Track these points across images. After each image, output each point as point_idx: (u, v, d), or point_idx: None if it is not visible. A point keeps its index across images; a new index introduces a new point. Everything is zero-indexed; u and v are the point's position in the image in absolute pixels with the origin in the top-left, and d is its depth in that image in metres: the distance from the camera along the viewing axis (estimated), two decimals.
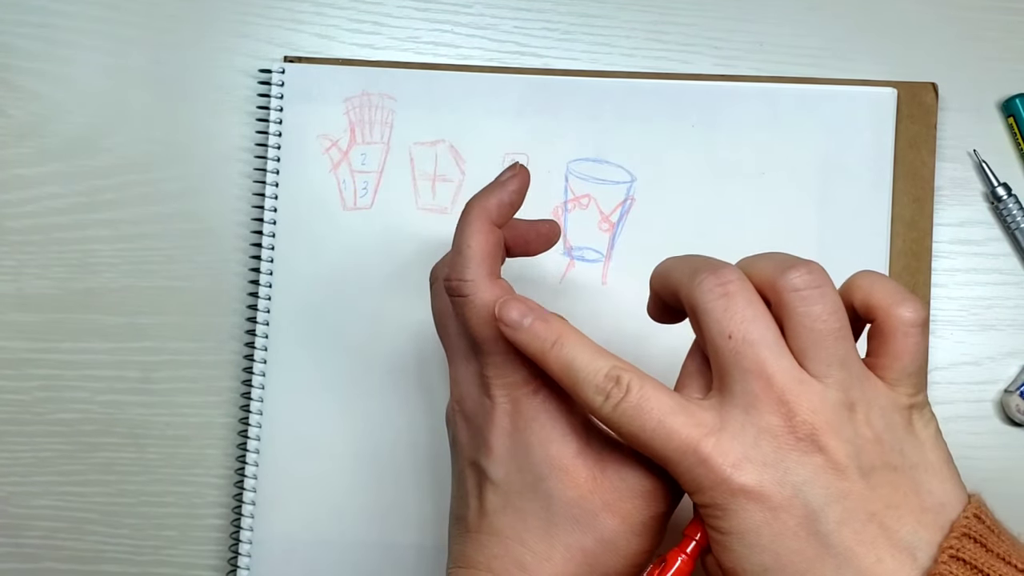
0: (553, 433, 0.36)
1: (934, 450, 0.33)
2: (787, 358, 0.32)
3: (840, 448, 0.31)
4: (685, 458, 0.32)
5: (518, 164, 0.38)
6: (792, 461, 0.31)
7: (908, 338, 0.33)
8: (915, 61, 0.52)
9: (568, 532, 0.35)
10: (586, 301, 0.51)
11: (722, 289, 0.32)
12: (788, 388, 0.31)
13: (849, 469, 0.31)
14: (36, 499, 0.52)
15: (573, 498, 0.35)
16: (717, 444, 0.31)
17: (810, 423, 0.31)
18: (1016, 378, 0.51)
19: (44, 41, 0.53)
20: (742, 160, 0.50)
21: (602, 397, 0.33)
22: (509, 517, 0.36)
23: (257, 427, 0.51)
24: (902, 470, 0.32)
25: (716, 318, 0.32)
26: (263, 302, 0.51)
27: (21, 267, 0.52)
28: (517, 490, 0.36)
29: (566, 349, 0.34)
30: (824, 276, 0.32)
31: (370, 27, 0.53)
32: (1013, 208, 0.51)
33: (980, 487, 0.51)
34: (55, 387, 0.52)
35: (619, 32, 0.52)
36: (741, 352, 0.32)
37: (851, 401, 0.32)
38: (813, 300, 0.32)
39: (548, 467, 0.35)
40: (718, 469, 0.31)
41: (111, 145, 0.52)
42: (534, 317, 0.34)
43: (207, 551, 0.52)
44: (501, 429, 0.36)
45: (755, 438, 0.31)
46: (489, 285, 0.36)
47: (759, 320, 0.32)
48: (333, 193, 0.51)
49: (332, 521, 0.51)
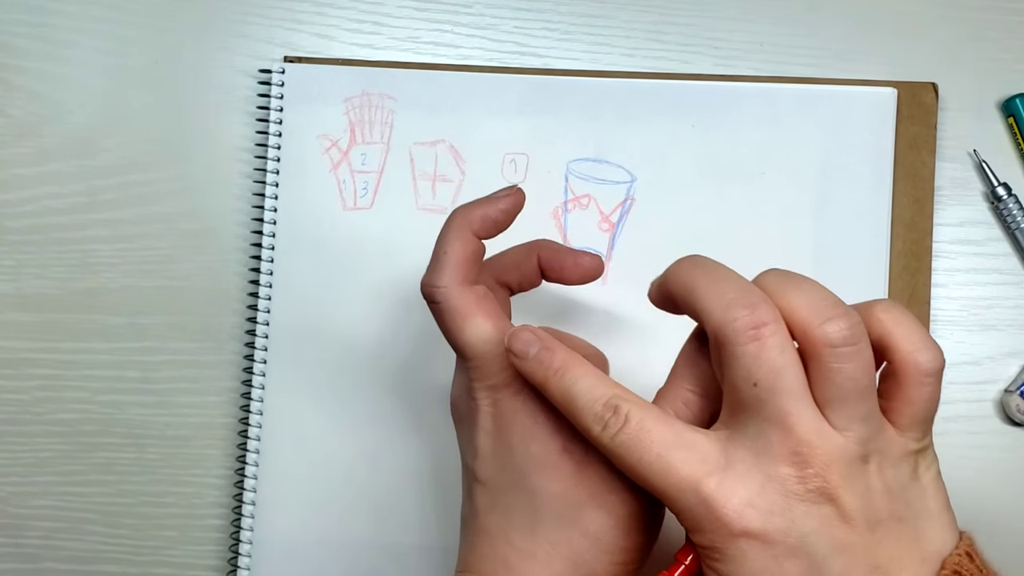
0: (537, 431, 0.36)
1: (935, 496, 0.32)
2: (810, 408, 0.31)
3: (851, 501, 0.30)
4: (683, 496, 0.31)
5: (516, 187, 0.39)
6: (800, 512, 0.30)
7: (924, 387, 0.32)
8: (915, 61, 0.52)
9: (552, 528, 0.35)
10: (586, 301, 0.51)
11: (755, 333, 0.31)
12: (806, 440, 0.30)
13: (857, 521, 0.30)
14: (36, 499, 0.52)
15: (557, 492, 0.35)
16: (720, 485, 0.30)
17: (823, 476, 0.30)
18: (1016, 378, 0.51)
19: (43, 41, 0.53)
20: (742, 160, 0.50)
21: (600, 426, 0.32)
22: (496, 516, 0.36)
23: (257, 427, 0.51)
24: (906, 520, 0.31)
25: (745, 364, 0.31)
26: (263, 302, 0.51)
27: (21, 267, 0.52)
28: (503, 489, 0.36)
29: (567, 377, 0.33)
30: (862, 331, 0.31)
31: (370, 27, 0.53)
32: (1013, 208, 0.51)
33: (980, 487, 0.51)
34: (55, 387, 0.52)
35: (619, 32, 0.52)
36: (764, 400, 0.30)
37: (867, 453, 0.31)
38: (848, 358, 0.30)
39: (532, 464, 0.35)
40: (720, 512, 0.30)
41: (111, 145, 0.52)
42: (540, 346, 0.34)
43: (207, 551, 0.52)
44: (484, 430, 0.37)
45: (762, 484, 0.30)
46: (461, 291, 0.37)
47: (788, 370, 0.30)
48: (333, 193, 0.51)
49: (332, 521, 0.51)
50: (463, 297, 0.37)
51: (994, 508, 0.51)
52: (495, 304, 0.38)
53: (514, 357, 0.35)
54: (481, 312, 0.37)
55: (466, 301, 0.37)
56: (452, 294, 0.37)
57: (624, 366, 0.49)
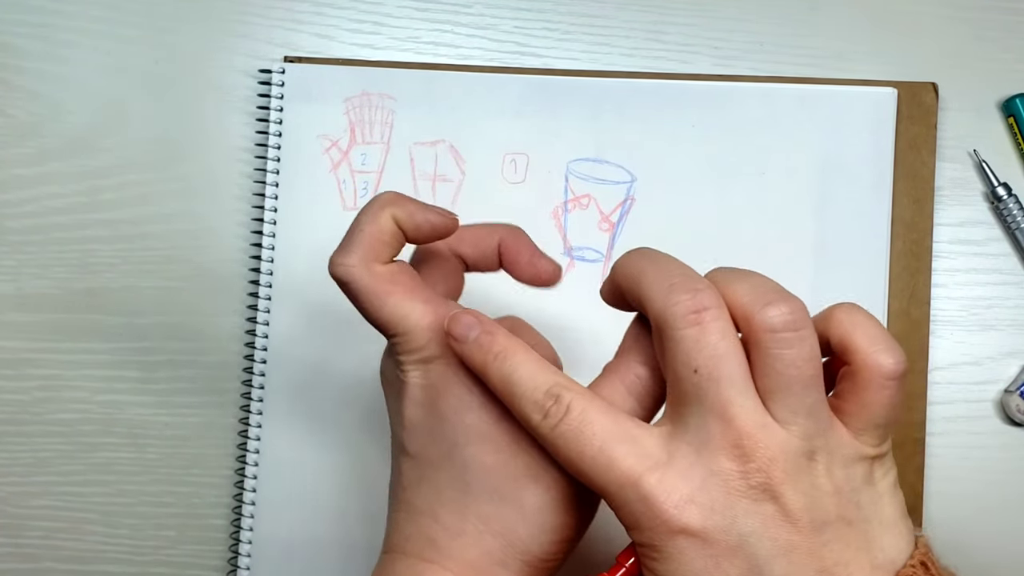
0: (471, 401, 0.34)
1: (891, 504, 0.31)
2: (752, 399, 0.29)
3: (795, 499, 0.29)
4: (623, 491, 0.29)
5: (454, 215, 0.37)
6: (741, 509, 0.29)
7: (884, 391, 0.30)
8: (915, 61, 0.52)
9: (484, 502, 0.33)
10: (586, 301, 0.51)
11: (696, 317, 0.30)
12: (747, 432, 0.29)
13: (801, 522, 0.29)
14: (35, 499, 0.52)
15: (492, 464, 0.33)
16: (661, 481, 0.29)
17: (765, 471, 0.29)
18: (1016, 378, 0.51)
19: (44, 41, 0.53)
20: (742, 160, 0.50)
21: (540, 415, 0.31)
22: (424, 490, 0.34)
23: (257, 427, 0.51)
24: (856, 524, 0.30)
25: (685, 348, 0.30)
26: (263, 302, 0.51)
27: (21, 267, 0.52)
28: (432, 462, 0.34)
29: (508, 362, 0.32)
30: (805, 317, 0.30)
31: (370, 27, 0.53)
32: (1013, 208, 0.51)
33: (980, 487, 0.51)
34: (55, 387, 0.52)
35: (619, 32, 0.52)
36: (704, 389, 0.29)
37: (812, 450, 0.30)
38: (789, 343, 0.29)
39: (464, 435, 0.33)
40: (659, 508, 0.29)
41: (111, 145, 0.52)
42: (481, 330, 0.33)
43: (207, 551, 0.52)
44: (414, 401, 0.35)
45: (704, 480, 0.29)
46: (372, 270, 0.35)
47: (729, 358, 0.30)
48: (333, 193, 0.51)
49: (331, 521, 0.51)
50: (374, 276, 0.35)
51: (994, 508, 0.51)
52: (413, 278, 0.36)
53: (453, 340, 0.33)
54: (398, 290, 0.35)
55: (378, 280, 0.35)
56: (362, 274, 0.35)
57: None
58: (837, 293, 0.50)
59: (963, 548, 0.50)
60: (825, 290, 0.50)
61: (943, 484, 0.51)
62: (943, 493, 0.51)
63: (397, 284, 0.35)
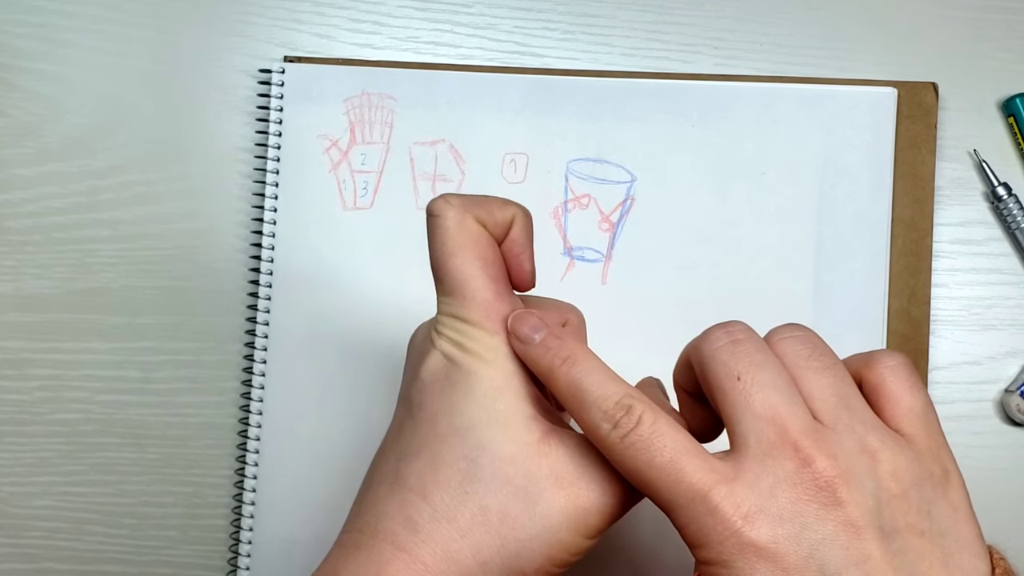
0: (507, 388, 0.32)
1: (967, 521, 0.30)
2: (800, 405, 0.30)
3: (860, 502, 0.28)
4: (693, 505, 0.29)
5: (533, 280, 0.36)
6: (811, 515, 0.28)
7: (898, 376, 0.31)
8: (915, 61, 0.52)
9: (492, 492, 0.31)
10: (586, 301, 0.51)
11: (729, 336, 0.31)
12: (804, 433, 0.29)
13: (869, 528, 0.28)
14: (36, 499, 0.52)
15: (512, 455, 0.31)
16: (730, 493, 0.28)
17: (831, 470, 0.28)
18: (1016, 378, 0.51)
19: (44, 41, 0.53)
20: (742, 160, 0.50)
21: (610, 425, 0.30)
22: (420, 463, 0.32)
23: (257, 427, 0.51)
24: (929, 536, 0.29)
25: (723, 361, 0.30)
26: (263, 302, 0.51)
27: (21, 267, 0.52)
28: (439, 434, 0.32)
29: (577, 368, 0.31)
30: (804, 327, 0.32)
31: (370, 27, 0.53)
32: (1013, 208, 0.51)
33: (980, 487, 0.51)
34: (55, 387, 0.52)
35: (619, 32, 0.52)
36: (751, 395, 0.30)
37: (871, 449, 0.29)
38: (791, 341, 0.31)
39: (489, 416, 0.31)
40: (728, 520, 0.28)
41: (111, 145, 0.52)
42: (547, 332, 0.32)
43: (207, 551, 0.52)
44: (438, 361, 0.33)
45: (772, 487, 0.29)
46: (462, 217, 0.33)
47: (769, 365, 0.30)
48: (333, 193, 0.51)
49: (332, 521, 0.50)
50: (463, 225, 0.33)
51: (994, 508, 0.51)
52: (495, 254, 0.34)
53: (517, 341, 0.32)
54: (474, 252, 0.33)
55: (464, 231, 0.33)
56: (455, 216, 0.33)
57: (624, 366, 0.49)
58: (837, 293, 0.50)
59: None
60: (825, 290, 0.50)
61: None
62: None
63: (477, 247, 0.33)
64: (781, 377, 0.30)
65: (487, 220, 0.34)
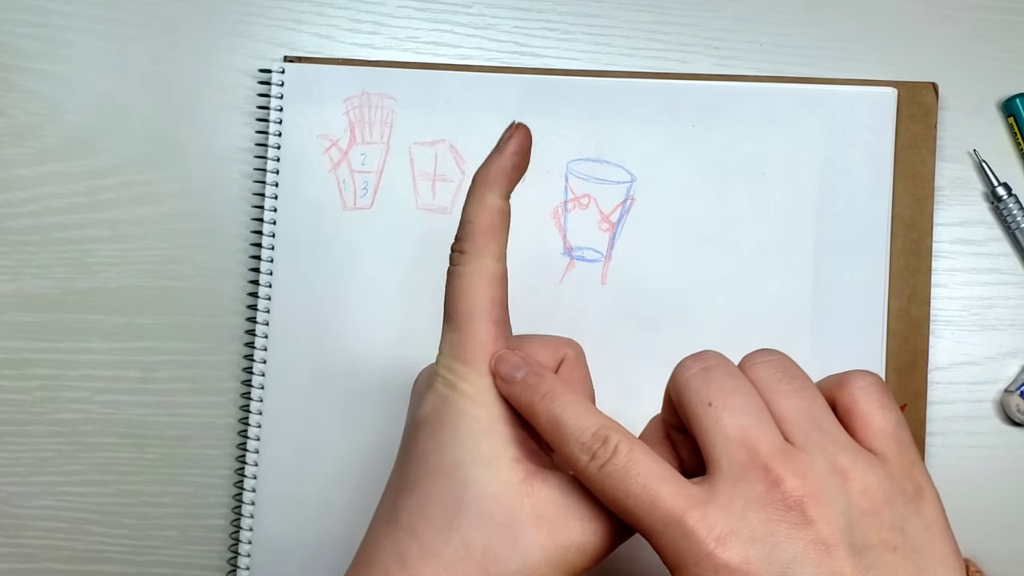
0: (495, 431, 0.33)
1: (941, 536, 0.31)
2: (771, 428, 0.31)
3: (831, 520, 0.29)
4: (669, 529, 0.30)
5: (515, 122, 0.36)
6: (781, 535, 0.29)
7: (869, 395, 0.32)
8: (915, 61, 0.52)
9: (475, 528, 0.32)
10: (586, 301, 0.51)
11: (701, 364, 0.32)
12: (774, 454, 0.30)
13: (840, 546, 0.29)
14: (36, 499, 0.52)
15: (495, 493, 0.32)
16: (703, 516, 0.29)
17: (800, 490, 0.29)
18: (1016, 378, 0.51)
19: (44, 41, 0.53)
20: (742, 160, 0.50)
21: (587, 456, 0.31)
22: (411, 501, 0.33)
23: (257, 427, 0.51)
24: (902, 552, 0.30)
25: (696, 388, 0.32)
26: (263, 302, 0.51)
27: (21, 267, 0.52)
28: (429, 472, 0.33)
29: (556, 403, 0.32)
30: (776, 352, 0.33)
31: (370, 27, 0.53)
32: (1013, 208, 0.51)
33: (980, 487, 0.51)
34: (55, 387, 0.52)
35: (619, 32, 0.52)
36: (722, 419, 0.31)
37: (842, 468, 0.30)
38: (763, 366, 0.32)
39: (473, 456, 0.33)
40: (702, 543, 0.29)
41: (111, 145, 0.52)
42: (528, 371, 0.33)
43: (207, 551, 0.52)
44: (434, 404, 0.34)
45: (743, 509, 0.29)
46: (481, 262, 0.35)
47: (740, 391, 0.31)
48: (333, 193, 0.51)
49: (332, 521, 0.51)
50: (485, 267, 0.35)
51: (994, 508, 0.51)
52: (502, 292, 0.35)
53: (500, 381, 0.34)
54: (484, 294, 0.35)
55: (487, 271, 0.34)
56: (472, 261, 0.35)
57: (624, 365, 0.49)
58: (837, 293, 0.50)
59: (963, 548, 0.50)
60: (825, 290, 0.50)
61: (943, 484, 0.50)
62: (943, 493, 0.50)
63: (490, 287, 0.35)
64: (752, 401, 0.31)
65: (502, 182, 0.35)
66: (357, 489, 0.51)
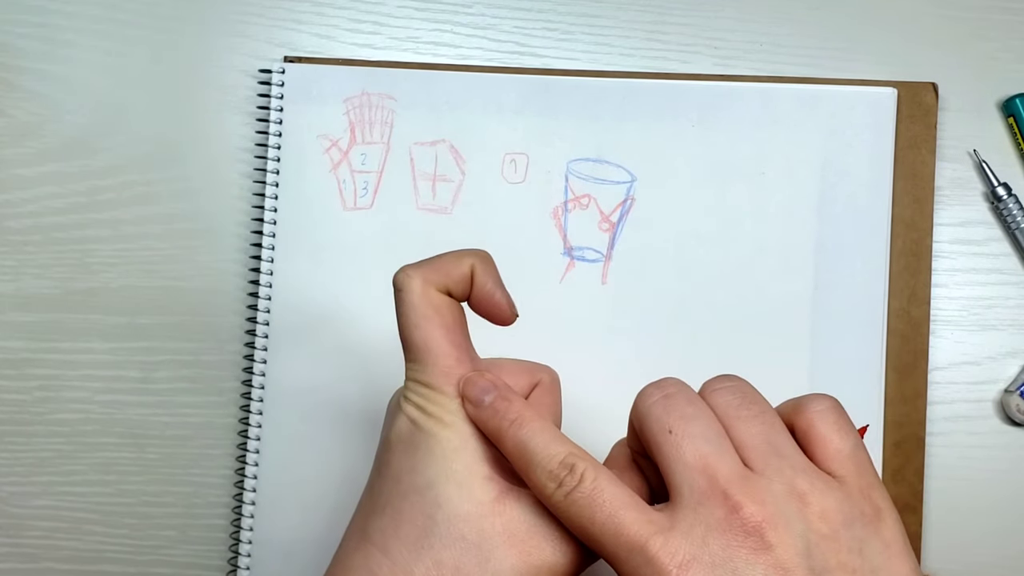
0: (465, 449, 0.34)
1: (900, 556, 0.31)
2: (730, 454, 0.31)
3: (789, 545, 0.30)
4: (632, 556, 0.30)
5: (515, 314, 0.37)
6: (741, 561, 0.29)
7: (826, 419, 0.32)
8: (915, 61, 0.52)
9: (446, 547, 0.32)
10: (586, 301, 0.51)
11: (662, 392, 0.33)
12: (732, 481, 0.30)
13: (799, 569, 0.29)
14: (36, 499, 0.52)
15: (466, 513, 0.32)
16: (665, 543, 0.30)
17: (758, 515, 0.30)
18: (1016, 378, 0.51)
19: (44, 41, 0.53)
20: (742, 160, 0.50)
21: (554, 484, 0.32)
22: (383, 520, 0.33)
23: (257, 427, 0.51)
24: (861, 573, 0.30)
25: (656, 416, 0.32)
26: (263, 302, 0.51)
27: (21, 267, 0.52)
28: (402, 491, 0.34)
29: (524, 430, 0.33)
30: (736, 377, 0.34)
31: (370, 27, 0.53)
32: (1013, 208, 0.51)
33: (980, 487, 0.51)
34: (55, 387, 0.52)
35: (619, 32, 0.52)
36: (682, 447, 0.31)
37: (800, 492, 0.31)
38: (722, 392, 0.33)
39: (446, 475, 0.33)
40: (664, 570, 0.29)
41: (111, 145, 0.52)
42: (496, 395, 0.34)
43: (207, 551, 0.52)
44: (405, 425, 0.35)
45: (704, 535, 0.30)
46: (423, 289, 0.35)
47: (699, 418, 0.32)
48: (333, 193, 0.51)
49: (331, 521, 0.51)
50: (424, 296, 0.35)
51: (994, 508, 0.51)
52: (458, 321, 0.36)
53: (469, 404, 0.34)
54: (436, 321, 0.35)
55: (425, 302, 0.35)
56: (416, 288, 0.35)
57: (624, 366, 0.49)
58: (837, 293, 0.50)
59: (963, 548, 0.51)
60: (825, 290, 0.50)
61: (943, 484, 0.51)
62: (943, 493, 0.51)
63: (439, 316, 0.35)
64: (711, 428, 0.32)
65: (447, 283, 0.35)
66: (357, 489, 0.51)
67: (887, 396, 0.50)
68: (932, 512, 0.50)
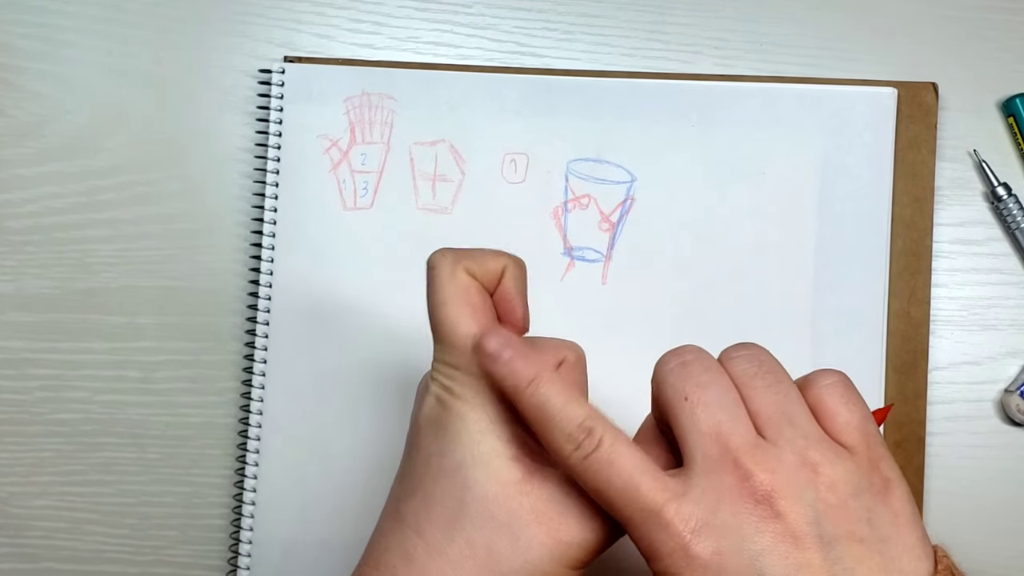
0: (491, 431, 0.34)
1: (908, 525, 0.31)
2: (744, 422, 0.32)
3: (800, 513, 0.30)
4: (646, 521, 0.31)
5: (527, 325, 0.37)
6: (750, 527, 0.30)
7: (833, 392, 0.33)
8: (915, 61, 0.52)
9: (478, 527, 0.33)
10: (586, 301, 0.51)
11: (679, 359, 0.33)
12: (744, 449, 0.31)
13: (808, 538, 0.30)
14: (36, 499, 0.52)
15: (495, 494, 0.33)
16: (679, 509, 0.30)
17: (768, 484, 0.30)
18: (1016, 378, 0.51)
19: (44, 41, 0.53)
20: (742, 160, 0.50)
21: (572, 446, 0.32)
22: (415, 502, 0.34)
23: (257, 427, 0.51)
24: (869, 542, 0.30)
25: (672, 383, 0.32)
26: (263, 302, 0.51)
27: (21, 267, 0.52)
28: (432, 474, 0.34)
29: (542, 390, 0.32)
30: (755, 345, 0.34)
31: (370, 27, 0.53)
32: (1013, 208, 0.51)
33: (980, 487, 0.51)
34: (55, 387, 0.52)
35: (619, 32, 0.52)
36: (697, 415, 0.32)
37: (812, 462, 0.31)
38: (739, 360, 0.33)
39: (473, 457, 0.33)
40: (678, 535, 0.30)
41: (111, 145, 0.52)
42: (514, 352, 0.33)
43: (207, 551, 0.52)
44: (433, 406, 0.35)
45: (715, 502, 0.30)
46: (454, 269, 0.35)
47: (715, 384, 0.32)
48: (333, 193, 0.51)
49: (332, 521, 0.51)
50: (455, 277, 0.35)
51: (994, 508, 0.51)
52: (485, 303, 0.36)
53: (486, 357, 0.33)
54: (464, 301, 0.35)
55: (455, 282, 0.35)
56: (447, 267, 0.35)
57: (624, 365, 0.49)
58: (837, 293, 0.50)
59: (963, 548, 0.50)
60: (825, 290, 0.50)
61: (943, 484, 0.51)
62: (943, 493, 0.51)
63: (468, 296, 0.35)
64: (727, 395, 0.32)
65: (478, 271, 0.36)
66: (357, 489, 0.51)
67: (887, 396, 0.50)
68: (932, 512, 0.50)
